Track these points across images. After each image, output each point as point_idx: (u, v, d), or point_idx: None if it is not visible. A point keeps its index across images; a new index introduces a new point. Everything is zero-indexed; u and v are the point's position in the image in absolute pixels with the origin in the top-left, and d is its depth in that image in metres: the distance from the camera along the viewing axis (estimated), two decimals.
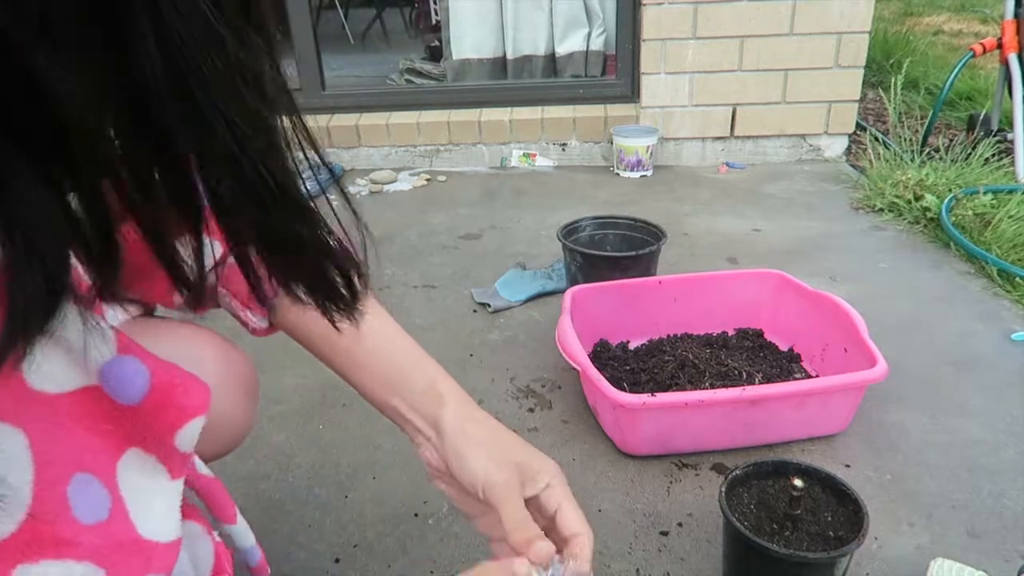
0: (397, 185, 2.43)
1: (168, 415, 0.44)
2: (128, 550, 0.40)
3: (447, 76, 2.77)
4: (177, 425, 0.44)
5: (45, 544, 0.35)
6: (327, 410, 1.24)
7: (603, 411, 1.13)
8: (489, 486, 0.55)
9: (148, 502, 0.42)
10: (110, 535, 0.39)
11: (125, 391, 0.41)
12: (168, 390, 0.43)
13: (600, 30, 2.67)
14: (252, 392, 0.66)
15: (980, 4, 5.11)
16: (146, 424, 0.43)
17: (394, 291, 1.68)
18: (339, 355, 0.63)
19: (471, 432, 0.58)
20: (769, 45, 2.31)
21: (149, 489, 0.43)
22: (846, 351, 1.18)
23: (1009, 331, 1.40)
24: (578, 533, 0.56)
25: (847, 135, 2.44)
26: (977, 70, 3.22)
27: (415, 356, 0.64)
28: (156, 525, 0.42)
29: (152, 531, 0.42)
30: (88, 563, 0.37)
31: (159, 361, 0.44)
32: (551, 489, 0.57)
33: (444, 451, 0.59)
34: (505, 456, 0.57)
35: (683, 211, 2.09)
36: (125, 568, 0.39)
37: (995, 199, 1.83)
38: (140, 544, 0.41)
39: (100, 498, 0.39)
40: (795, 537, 0.81)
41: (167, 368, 0.44)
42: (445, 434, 0.59)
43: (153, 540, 0.42)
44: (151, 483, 0.43)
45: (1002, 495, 1.01)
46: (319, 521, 1.01)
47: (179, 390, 0.44)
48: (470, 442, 0.58)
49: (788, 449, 1.12)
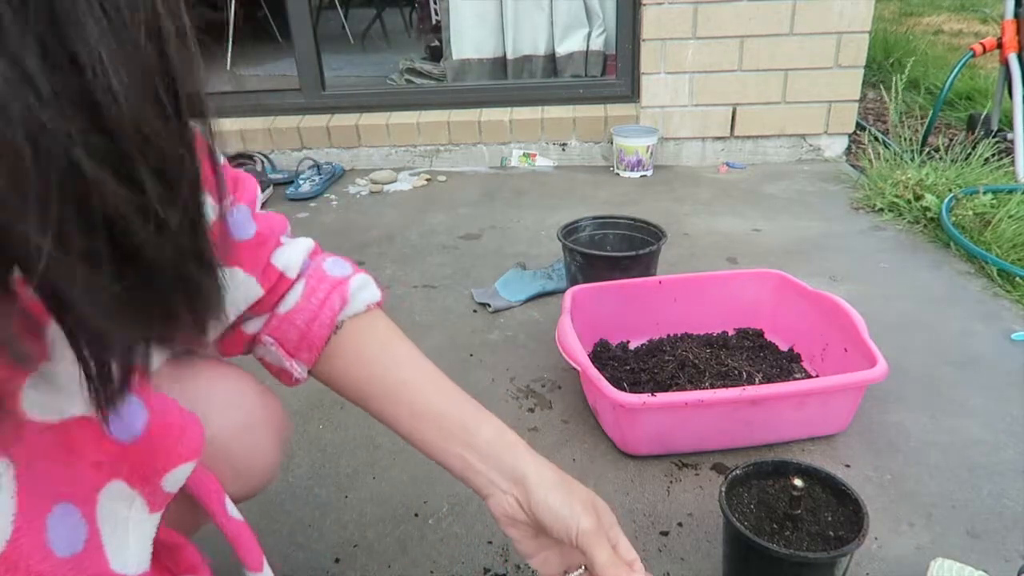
0: (397, 185, 2.43)
1: (159, 457, 0.44)
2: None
3: (447, 76, 2.77)
4: (167, 468, 0.44)
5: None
6: (327, 410, 1.24)
7: (603, 411, 1.13)
8: (583, 533, 0.57)
9: (123, 534, 0.42)
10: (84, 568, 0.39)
11: (119, 429, 0.41)
12: (164, 433, 0.43)
13: (600, 30, 2.67)
14: (280, 435, 0.66)
15: (980, 4, 5.12)
16: (136, 462, 0.43)
17: (394, 291, 1.68)
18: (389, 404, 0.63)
19: (550, 479, 0.59)
20: (769, 45, 2.31)
21: (126, 521, 0.43)
22: (846, 351, 1.18)
23: (1009, 331, 1.40)
24: (635, 559, 0.60)
25: (847, 135, 2.44)
26: (977, 70, 3.22)
27: (470, 403, 0.63)
28: (128, 559, 0.42)
29: (122, 563, 0.42)
30: None
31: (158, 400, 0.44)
32: (613, 526, 0.61)
33: (530, 501, 0.59)
34: (580, 500, 0.59)
35: (683, 211, 2.09)
36: None
37: (995, 199, 1.83)
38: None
39: (78, 529, 0.39)
40: (795, 537, 0.81)
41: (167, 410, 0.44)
42: (529, 484, 0.59)
43: (121, 573, 0.41)
44: (129, 515, 0.43)
45: (1002, 495, 1.01)
46: (319, 521, 1.01)
47: (175, 434, 0.44)
48: (554, 490, 0.59)
49: (788, 449, 1.12)
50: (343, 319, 0.63)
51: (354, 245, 1.94)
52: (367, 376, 0.63)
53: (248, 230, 0.59)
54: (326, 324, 0.62)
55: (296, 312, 0.61)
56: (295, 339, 0.61)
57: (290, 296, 0.62)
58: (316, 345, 0.62)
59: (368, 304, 0.64)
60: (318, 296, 0.61)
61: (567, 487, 0.60)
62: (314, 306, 0.61)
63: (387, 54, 3.99)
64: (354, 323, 0.63)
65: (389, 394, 0.62)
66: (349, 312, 0.63)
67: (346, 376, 0.63)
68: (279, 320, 0.61)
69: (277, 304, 0.62)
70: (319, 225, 2.11)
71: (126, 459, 0.42)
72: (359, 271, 0.66)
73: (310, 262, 0.64)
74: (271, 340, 0.62)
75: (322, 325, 0.61)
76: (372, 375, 0.63)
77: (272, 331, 0.62)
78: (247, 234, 0.59)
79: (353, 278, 0.64)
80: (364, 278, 0.65)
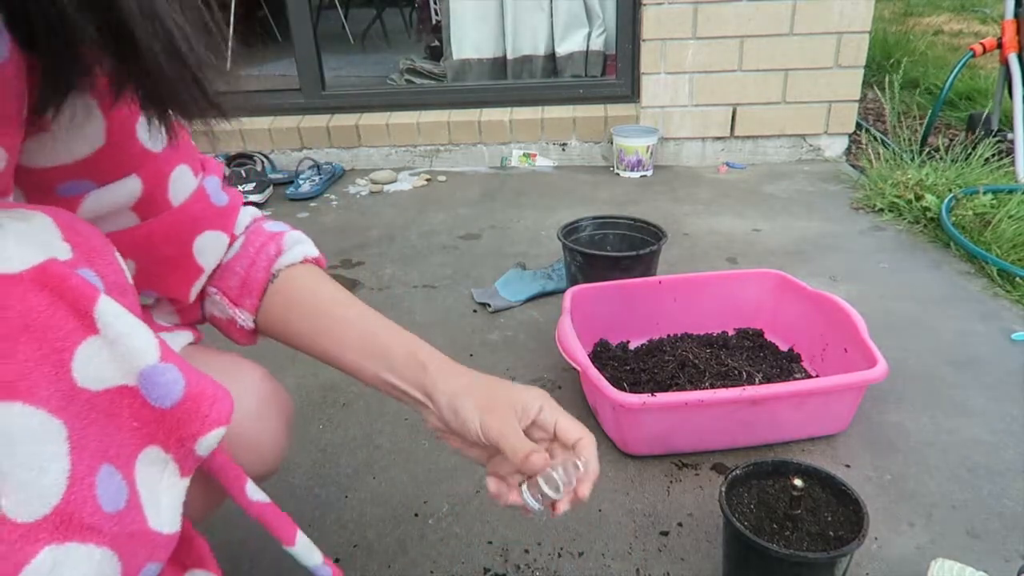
0: (397, 185, 2.43)
1: (194, 422, 0.47)
2: (139, 539, 0.43)
3: (447, 76, 2.77)
4: (201, 432, 0.47)
5: (72, 528, 0.38)
6: (327, 410, 1.25)
7: (603, 411, 1.14)
8: (487, 429, 0.61)
9: (157, 496, 0.46)
10: (126, 524, 0.42)
11: (160, 396, 0.45)
12: (198, 400, 0.47)
13: (600, 30, 2.67)
14: (289, 422, 0.70)
15: (980, 4, 5.12)
16: (172, 427, 0.46)
17: (394, 291, 1.68)
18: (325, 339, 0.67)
19: (457, 388, 0.63)
20: (769, 45, 2.31)
21: (160, 484, 0.46)
22: (846, 351, 1.18)
23: (1009, 331, 1.40)
24: (580, 437, 0.63)
25: (847, 135, 2.44)
26: (977, 70, 3.23)
27: (392, 329, 0.68)
28: (163, 518, 0.46)
29: (158, 523, 0.45)
30: (106, 549, 0.40)
31: (193, 371, 0.48)
32: (544, 411, 0.64)
33: (440, 412, 0.64)
34: (494, 398, 0.63)
35: (683, 211, 2.09)
36: (134, 555, 0.42)
37: (995, 199, 1.83)
38: (149, 535, 0.44)
39: (120, 489, 0.42)
40: (795, 537, 0.81)
41: (201, 379, 0.48)
42: (435, 396, 0.63)
43: (158, 531, 0.45)
44: (163, 479, 0.47)
45: (1002, 495, 1.01)
46: (319, 521, 1.01)
47: (208, 401, 0.48)
48: (459, 397, 0.63)
49: (788, 449, 1.12)
50: (279, 267, 0.68)
51: (354, 245, 1.94)
52: (298, 317, 0.68)
53: (222, 198, 0.66)
54: (262, 268, 0.67)
55: (235, 260, 0.67)
56: (236, 286, 0.67)
57: (231, 249, 0.68)
58: (255, 291, 0.67)
59: (305, 256, 0.70)
60: (255, 245, 0.68)
61: (481, 389, 0.63)
62: (251, 253, 0.67)
63: (387, 54, 4.00)
64: (288, 272, 0.68)
65: (319, 330, 0.67)
66: (285, 261, 0.68)
67: (285, 322, 0.68)
68: (221, 270, 0.67)
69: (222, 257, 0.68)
70: (319, 225, 2.11)
71: (163, 425, 0.46)
72: (296, 230, 0.72)
73: (252, 223, 0.70)
74: (215, 290, 0.67)
75: (259, 270, 0.67)
76: (302, 315, 0.68)
77: (216, 282, 0.67)
78: (222, 201, 0.65)
79: (289, 232, 0.71)
80: (300, 235, 0.71)
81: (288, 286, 0.68)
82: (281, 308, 0.67)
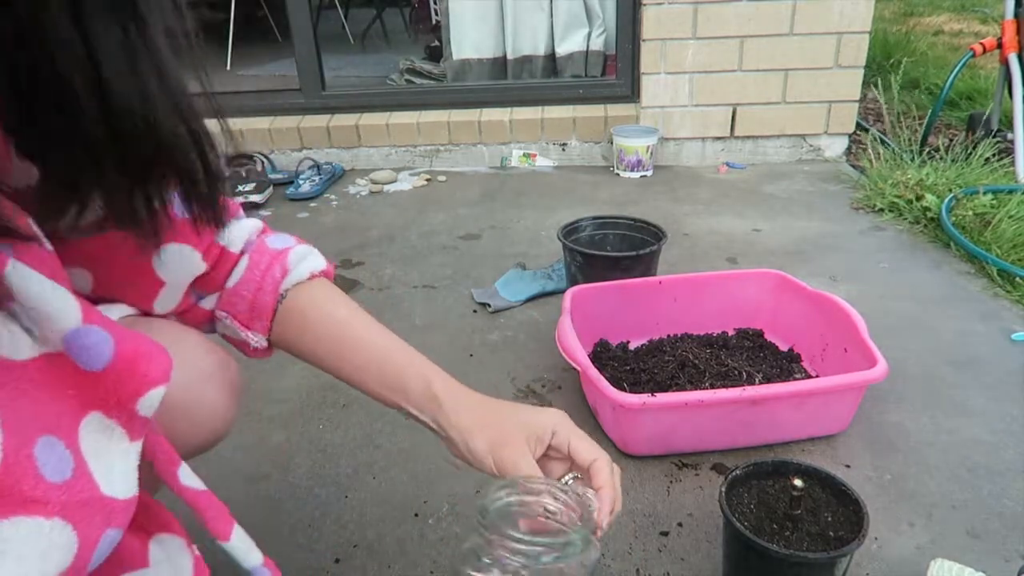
0: (397, 185, 2.43)
1: (131, 383, 0.45)
2: (92, 507, 0.42)
3: (447, 76, 2.77)
4: (139, 392, 0.45)
5: (15, 502, 0.37)
6: (327, 410, 1.25)
7: (603, 411, 1.13)
8: (501, 465, 0.62)
9: (108, 462, 0.44)
10: (75, 493, 0.41)
11: (89, 359, 0.43)
12: (132, 359, 0.45)
13: (600, 30, 2.67)
14: (235, 389, 0.68)
15: (980, 4, 5.12)
16: (109, 390, 0.44)
17: (394, 291, 1.68)
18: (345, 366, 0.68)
19: (469, 425, 0.64)
20: (769, 45, 2.31)
21: (109, 450, 0.45)
22: (846, 351, 1.18)
23: (1009, 331, 1.40)
24: (595, 459, 0.63)
25: (847, 135, 2.44)
26: (977, 70, 3.23)
27: (405, 355, 0.68)
28: (115, 484, 0.44)
29: (112, 489, 0.44)
30: (57, 519, 0.39)
31: (123, 331, 0.45)
32: (558, 435, 0.64)
33: (456, 448, 0.65)
34: (505, 432, 0.63)
35: (683, 211, 2.09)
36: (89, 523, 0.41)
37: (995, 199, 1.83)
38: (102, 501, 0.43)
39: (64, 458, 0.41)
40: (795, 537, 0.81)
41: (131, 337, 0.45)
42: (450, 433, 0.65)
43: (113, 497, 0.44)
44: (111, 445, 0.45)
45: (1002, 495, 1.01)
46: (319, 521, 1.01)
47: (143, 359, 0.45)
48: (472, 435, 0.63)
49: (788, 449, 1.12)
50: (286, 288, 0.68)
51: (354, 245, 1.94)
52: (313, 339, 0.68)
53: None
54: (270, 292, 0.67)
55: (242, 284, 0.67)
56: (245, 310, 0.67)
57: (236, 271, 0.67)
58: (265, 314, 0.67)
59: (312, 272, 0.69)
60: (260, 268, 0.67)
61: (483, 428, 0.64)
62: (257, 277, 0.67)
63: (387, 54, 3.99)
64: (297, 291, 0.68)
65: (336, 355, 0.68)
66: (292, 280, 0.68)
67: (300, 341, 0.68)
68: (228, 294, 0.67)
69: (225, 280, 0.67)
70: (319, 225, 2.11)
71: (99, 389, 0.44)
72: (302, 243, 0.71)
73: (254, 240, 0.69)
74: (225, 314, 0.67)
75: (267, 293, 0.67)
76: (317, 338, 0.68)
77: (224, 305, 0.67)
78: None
79: (293, 249, 0.70)
80: (306, 249, 0.71)
81: (298, 306, 0.68)
82: (294, 330, 0.68)
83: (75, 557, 0.40)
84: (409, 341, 0.69)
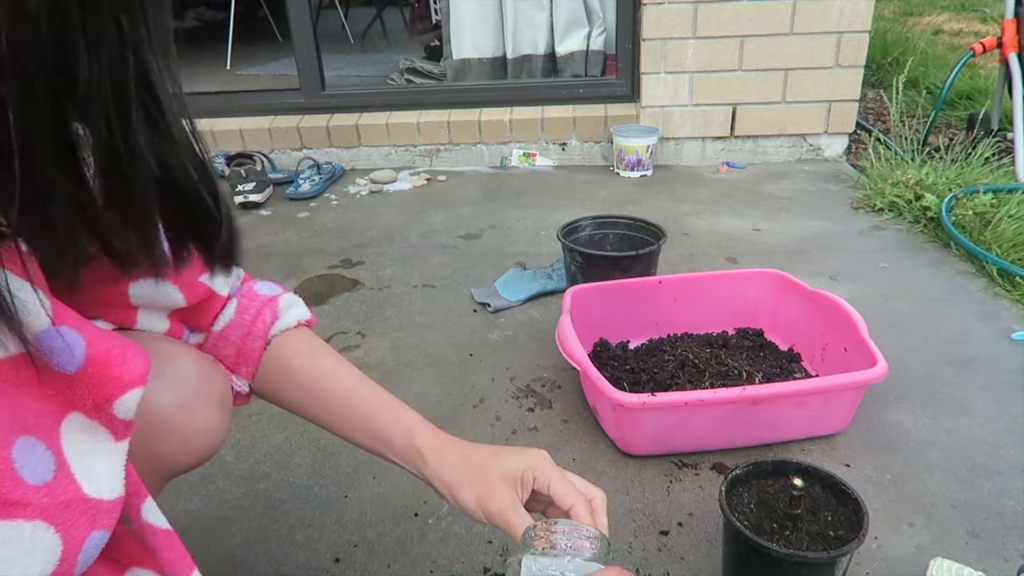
0: (397, 185, 2.43)
1: (105, 385, 0.44)
2: (75, 508, 0.41)
3: (447, 76, 2.77)
4: (115, 395, 0.45)
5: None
6: None
7: (603, 411, 1.14)
8: (489, 515, 0.63)
9: (91, 463, 0.43)
10: (57, 495, 0.40)
11: (61, 360, 0.42)
12: (105, 361, 0.44)
13: (600, 30, 2.67)
14: (226, 405, 0.66)
15: (980, 4, 5.12)
16: (85, 392, 0.44)
17: (394, 291, 1.68)
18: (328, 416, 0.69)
19: (453, 480, 0.65)
20: (769, 45, 2.31)
21: (92, 450, 0.44)
22: (846, 351, 1.18)
23: (1009, 331, 1.40)
24: (572, 504, 0.63)
25: (847, 135, 2.44)
26: (977, 70, 3.23)
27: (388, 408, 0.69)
28: (100, 484, 0.43)
29: (97, 490, 0.43)
30: (38, 522, 0.38)
31: (98, 333, 0.45)
32: (538, 480, 0.64)
33: (445, 497, 0.66)
34: (489, 484, 0.64)
35: (683, 211, 2.09)
36: (73, 525, 0.41)
37: (995, 199, 1.83)
38: (87, 502, 0.42)
39: (45, 460, 0.40)
40: (795, 537, 0.81)
41: (105, 338, 0.45)
42: (437, 487, 0.66)
43: (98, 498, 0.43)
44: (94, 444, 0.44)
45: (1002, 495, 1.01)
46: (319, 521, 1.01)
47: (117, 361, 0.45)
48: (458, 490, 0.65)
49: (788, 449, 1.12)
50: (274, 334, 0.68)
51: (354, 245, 1.94)
52: (296, 388, 0.69)
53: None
54: (259, 337, 0.67)
55: (230, 328, 0.67)
56: (232, 355, 0.67)
57: (224, 315, 0.67)
58: (252, 359, 0.68)
59: (299, 320, 0.71)
60: (250, 313, 0.67)
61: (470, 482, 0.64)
62: (247, 322, 0.67)
63: (387, 54, 3.99)
64: (282, 339, 0.69)
65: (321, 406, 0.69)
66: (280, 327, 0.69)
67: (283, 390, 0.69)
68: (216, 338, 0.67)
69: (213, 323, 0.67)
70: (319, 225, 2.11)
71: (76, 390, 0.43)
72: (287, 291, 0.72)
73: (240, 286, 0.70)
74: (211, 358, 0.66)
75: (255, 338, 0.67)
76: (301, 388, 0.69)
77: (211, 349, 0.67)
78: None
79: (282, 296, 0.71)
80: (293, 297, 0.72)
81: (284, 354, 0.68)
82: (277, 378, 0.68)
83: (60, 560, 0.39)
84: (409, 337, 0.69)
